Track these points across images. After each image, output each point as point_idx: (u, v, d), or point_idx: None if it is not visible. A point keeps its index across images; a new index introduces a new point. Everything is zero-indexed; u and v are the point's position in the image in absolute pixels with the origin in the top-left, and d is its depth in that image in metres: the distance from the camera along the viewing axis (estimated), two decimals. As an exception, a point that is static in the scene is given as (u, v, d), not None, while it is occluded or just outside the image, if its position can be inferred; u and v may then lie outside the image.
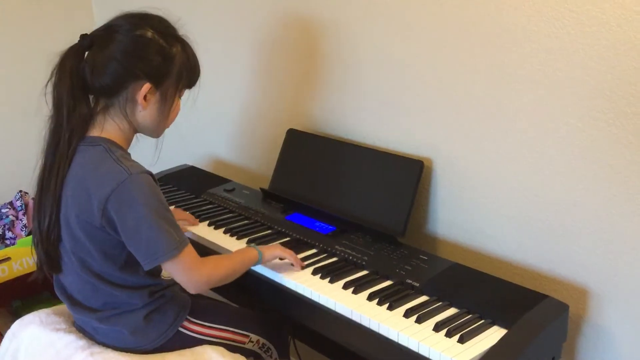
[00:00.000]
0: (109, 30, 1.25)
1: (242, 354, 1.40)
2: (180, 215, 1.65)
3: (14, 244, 2.25)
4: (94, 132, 1.28)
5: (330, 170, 1.71)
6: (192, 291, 1.29)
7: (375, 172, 1.61)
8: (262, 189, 1.84)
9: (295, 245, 1.51)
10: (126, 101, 1.26)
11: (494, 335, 1.18)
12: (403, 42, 1.57)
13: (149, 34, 1.25)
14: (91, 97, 1.28)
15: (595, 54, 1.23)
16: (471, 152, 1.48)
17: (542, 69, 1.31)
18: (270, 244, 1.49)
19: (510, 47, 1.36)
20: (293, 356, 1.89)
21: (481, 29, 1.40)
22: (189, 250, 1.25)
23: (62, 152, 1.24)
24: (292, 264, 1.42)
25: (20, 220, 2.37)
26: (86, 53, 1.24)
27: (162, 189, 1.91)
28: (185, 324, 1.36)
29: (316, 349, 1.85)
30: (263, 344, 1.48)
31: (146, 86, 1.25)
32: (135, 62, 1.23)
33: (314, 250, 1.51)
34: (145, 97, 1.26)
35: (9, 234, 2.34)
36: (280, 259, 1.44)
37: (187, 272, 1.25)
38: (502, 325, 1.20)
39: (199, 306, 1.41)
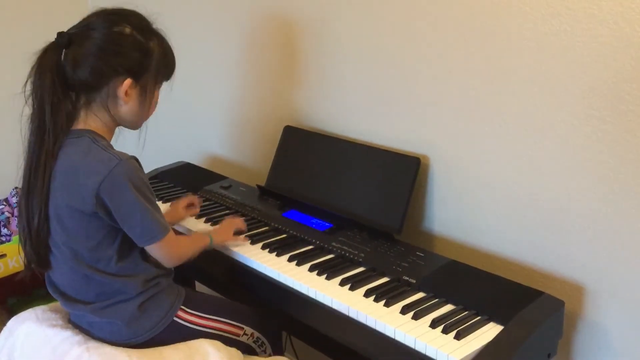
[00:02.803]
0: (86, 28, 1.27)
1: (237, 348, 1.40)
2: (184, 202, 1.68)
3: (9, 241, 2.25)
4: (78, 126, 1.30)
5: (327, 167, 1.71)
6: (168, 266, 1.38)
7: (372, 169, 1.61)
8: (258, 186, 1.84)
9: (292, 243, 1.52)
10: (107, 96, 1.29)
11: (490, 331, 1.18)
12: (399, 40, 1.57)
13: (127, 30, 1.28)
14: (72, 93, 1.29)
15: (591, 51, 1.24)
16: (468, 149, 1.48)
17: (539, 66, 1.32)
18: (223, 226, 1.53)
19: (506, 44, 1.36)
20: (289, 353, 1.89)
21: (477, 26, 1.40)
22: (172, 231, 1.33)
23: (48, 150, 1.25)
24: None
25: (16, 217, 2.36)
26: (64, 50, 1.25)
27: (158, 186, 1.94)
28: (180, 313, 1.37)
29: (313, 346, 1.85)
30: (257, 337, 1.48)
31: (127, 82, 1.28)
32: (115, 58, 1.26)
33: (310, 247, 1.51)
34: (126, 92, 1.28)
35: (4, 231, 2.34)
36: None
37: (168, 250, 1.33)
38: (498, 322, 1.20)
39: (193, 296, 1.42)
